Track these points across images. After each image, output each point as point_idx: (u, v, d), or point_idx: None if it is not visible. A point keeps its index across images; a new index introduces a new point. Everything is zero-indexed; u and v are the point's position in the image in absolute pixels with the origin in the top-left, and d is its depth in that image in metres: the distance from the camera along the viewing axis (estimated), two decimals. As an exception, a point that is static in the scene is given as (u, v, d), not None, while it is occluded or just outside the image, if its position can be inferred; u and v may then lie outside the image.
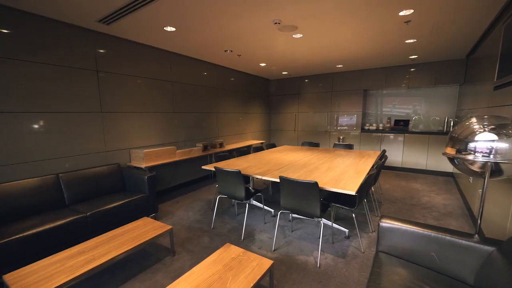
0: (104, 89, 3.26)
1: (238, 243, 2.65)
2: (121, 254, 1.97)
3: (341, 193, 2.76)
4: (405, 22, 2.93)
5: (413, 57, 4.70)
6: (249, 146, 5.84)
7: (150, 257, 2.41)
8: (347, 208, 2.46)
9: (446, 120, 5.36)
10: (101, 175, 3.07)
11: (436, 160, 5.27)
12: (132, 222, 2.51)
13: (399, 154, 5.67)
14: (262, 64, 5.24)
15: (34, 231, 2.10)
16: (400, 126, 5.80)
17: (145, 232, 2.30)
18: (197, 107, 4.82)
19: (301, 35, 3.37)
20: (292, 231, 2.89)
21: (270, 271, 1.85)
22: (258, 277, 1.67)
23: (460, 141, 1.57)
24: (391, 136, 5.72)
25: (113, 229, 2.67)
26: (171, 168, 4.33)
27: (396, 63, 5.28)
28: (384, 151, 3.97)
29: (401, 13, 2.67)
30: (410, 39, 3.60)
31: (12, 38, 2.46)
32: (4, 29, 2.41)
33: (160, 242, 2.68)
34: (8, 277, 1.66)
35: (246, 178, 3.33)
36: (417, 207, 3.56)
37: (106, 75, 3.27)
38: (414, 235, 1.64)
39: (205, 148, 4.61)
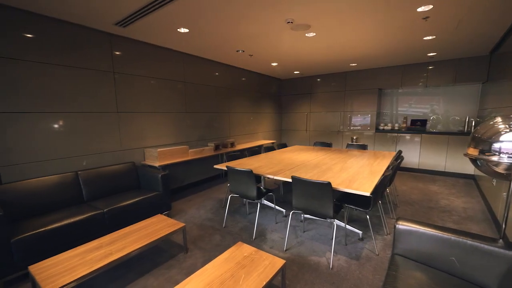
0: (119, 90, 3.36)
1: (249, 242, 2.65)
2: (136, 249, 2.03)
3: (355, 194, 2.70)
4: (424, 19, 2.83)
5: (431, 54, 4.54)
6: (260, 146, 5.84)
7: (164, 254, 2.46)
8: (361, 209, 2.41)
9: (467, 120, 5.13)
10: (117, 173, 3.17)
11: (456, 161, 5.06)
12: (147, 219, 2.57)
13: (416, 155, 5.49)
14: (274, 64, 5.22)
15: (56, 225, 2.20)
16: (417, 126, 5.61)
17: (159, 229, 2.35)
18: (208, 107, 4.87)
19: (314, 34, 3.33)
20: (304, 232, 2.86)
21: (282, 270, 1.84)
22: (271, 276, 1.66)
23: (483, 142, 1.50)
24: (407, 136, 5.54)
25: (129, 225, 2.75)
26: (184, 167, 4.40)
27: (413, 61, 5.11)
28: (400, 152, 3.86)
29: (419, 9, 2.58)
30: (428, 36, 3.47)
31: (35, 42, 2.59)
32: (28, 34, 2.54)
33: (174, 239, 2.73)
34: (33, 268, 1.74)
35: (257, 178, 3.33)
36: (435, 210, 3.44)
37: (121, 76, 3.37)
38: (433, 238, 1.58)
39: (216, 147, 4.65)
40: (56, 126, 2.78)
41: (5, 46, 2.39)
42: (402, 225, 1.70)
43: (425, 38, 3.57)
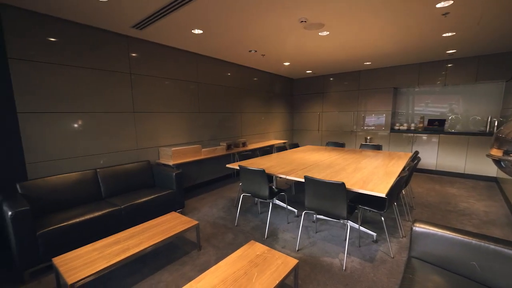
0: (136, 90, 3.46)
1: (261, 241, 2.66)
2: (152, 245, 2.09)
3: (369, 195, 2.65)
4: (443, 15, 2.73)
5: (451, 51, 4.37)
6: (271, 146, 5.84)
7: (177, 250, 2.52)
8: (376, 211, 2.36)
9: (489, 120, 4.91)
10: (133, 171, 3.27)
11: (477, 163, 4.85)
12: (161, 216, 2.63)
13: (433, 156, 5.31)
14: (286, 63, 5.20)
15: (77, 220, 2.30)
16: (435, 126, 5.42)
17: (174, 226, 2.41)
18: (220, 107, 4.93)
19: (328, 33, 3.29)
20: (316, 232, 2.84)
21: (295, 270, 1.83)
22: (284, 275, 1.67)
23: (508, 142, 1.43)
24: (424, 136, 5.37)
25: (144, 221, 2.84)
26: (197, 166, 4.47)
27: (431, 58, 4.95)
28: (416, 153, 3.74)
29: (438, 5, 2.49)
30: (448, 33, 3.35)
31: (58, 46, 2.71)
32: (52, 38, 2.66)
33: (187, 236, 2.78)
34: (56, 260, 1.83)
35: (269, 177, 3.34)
36: (453, 213, 3.31)
37: (137, 77, 3.47)
38: (452, 242, 1.53)
39: (228, 147, 4.70)
40: (76, 125, 2.90)
41: (31, 49, 2.52)
42: (420, 227, 1.65)
43: (444, 35, 3.45)
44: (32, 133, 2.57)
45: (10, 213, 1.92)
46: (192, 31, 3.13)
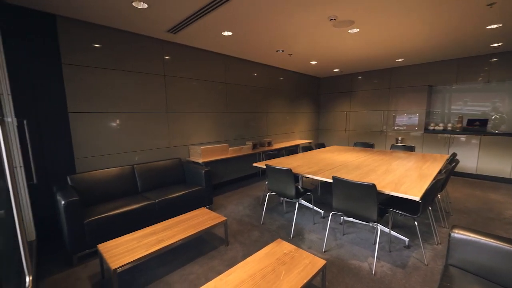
0: (169, 91, 3.66)
1: (287, 240, 2.68)
2: (184, 238, 2.21)
3: (401, 198, 2.54)
4: (488, 5, 2.53)
5: (495, 45, 4.01)
6: (296, 146, 5.80)
7: (206, 244, 2.63)
8: (409, 215, 2.27)
9: (540, 120, 4.42)
10: (166, 168, 3.46)
11: (525, 167, 4.40)
12: (192, 211, 2.77)
13: (473, 159, 4.91)
14: (313, 62, 5.14)
15: (118, 211, 2.51)
16: (476, 126, 5.00)
17: (203, 221, 2.52)
18: (247, 107, 5.01)
19: (358, 30, 3.20)
20: (344, 235, 2.79)
21: (323, 271, 1.83)
22: (311, 275, 1.68)
23: None
24: (463, 138, 4.98)
25: (175, 215, 3.00)
26: (223, 164, 4.60)
27: (471, 53, 4.58)
28: (454, 155, 3.50)
29: (482, -4, 2.32)
30: (493, 25, 3.08)
31: (101, 51, 2.96)
32: (96, 44, 2.91)
33: (215, 232, 2.89)
34: (101, 247, 2.02)
35: (295, 177, 3.33)
36: (496, 221, 3.05)
37: (170, 78, 3.66)
38: (497, 251, 1.43)
39: (254, 146, 4.76)
40: (116, 124, 3.15)
41: (80, 55, 2.79)
42: (459, 234, 1.56)
43: (488, 27, 3.18)
44: (80, 131, 2.84)
45: (63, 202, 2.16)
46: (222, 33, 3.23)
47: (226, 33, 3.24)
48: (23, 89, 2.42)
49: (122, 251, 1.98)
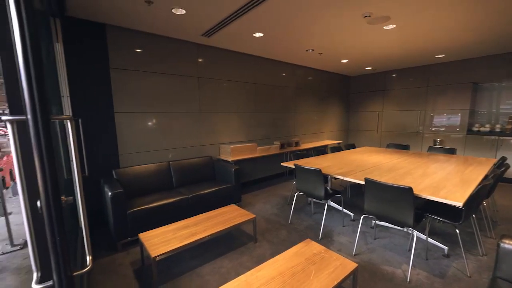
0: (201, 92, 3.82)
1: (316, 241, 2.66)
2: (215, 233, 2.31)
3: (440, 204, 2.39)
4: (549, -6, 2.26)
5: (558, 37, 3.56)
6: (325, 146, 5.69)
7: (235, 240, 2.72)
8: (449, 222, 2.13)
9: None
10: (197, 165, 3.63)
11: None
12: (221, 208, 2.87)
13: (527, 164, 4.40)
14: (344, 61, 5.00)
15: (155, 204, 2.71)
16: (531, 128, 4.48)
17: (233, 218, 2.61)
18: (275, 107, 5.03)
19: (394, 26, 3.06)
20: (375, 239, 2.69)
21: (354, 274, 1.80)
22: (342, 277, 1.66)
23: None
24: (515, 140, 4.49)
25: (206, 211, 3.12)
26: (251, 163, 4.68)
27: (527, 46, 4.11)
28: (503, 159, 3.18)
29: (543, -17, 2.08)
30: (555, 14, 2.75)
31: (142, 56, 3.20)
32: (138, 49, 3.15)
33: (243, 228, 2.97)
34: (142, 236, 2.20)
35: (324, 178, 3.29)
36: (556, 235, 2.72)
37: (203, 80, 3.82)
38: (556, 266, 1.30)
39: (281, 146, 4.77)
40: (152, 123, 3.37)
41: (124, 59, 3.04)
42: (509, 245, 1.44)
43: (549, 18, 2.84)
44: (123, 129, 3.10)
45: (110, 194, 2.38)
46: (253, 34, 3.29)
47: (257, 35, 3.30)
48: (76, 91, 2.71)
49: (160, 241, 2.13)
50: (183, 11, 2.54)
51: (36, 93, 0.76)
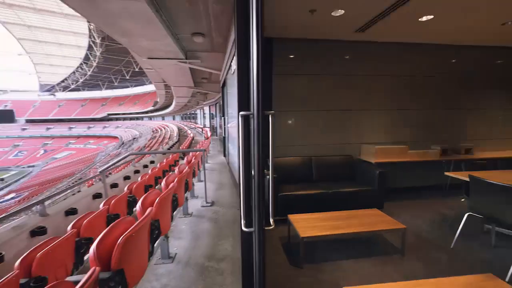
0: (349, 90, 3.79)
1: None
2: (359, 232, 2.28)
3: None
4: None
5: None
6: (520, 158, 4.00)
7: (377, 247, 2.54)
8: None
9: None
10: (336, 163, 3.66)
11: None
12: (364, 209, 2.76)
13: None
14: None
15: (301, 192, 3.04)
16: None
17: (376, 222, 2.45)
18: (435, 103, 4.12)
19: None
20: None
21: None
22: None
23: None
24: None
25: (343, 209, 3.08)
26: (399, 168, 4.08)
27: None
28: None
29: None
30: None
31: (294, 60, 3.58)
32: (291, 55, 3.56)
33: (385, 236, 2.71)
34: (290, 217, 2.54)
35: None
36: None
37: (351, 77, 3.77)
38: None
39: (444, 152, 3.85)
40: (298, 120, 3.72)
41: (281, 65, 3.53)
42: None
43: None
44: (278, 125, 3.63)
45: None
46: (419, 19, 2.84)
47: (425, 18, 2.81)
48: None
49: (305, 225, 2.37)
50: (342, 11, 2.60)
51: (256, 96, 1.16)
